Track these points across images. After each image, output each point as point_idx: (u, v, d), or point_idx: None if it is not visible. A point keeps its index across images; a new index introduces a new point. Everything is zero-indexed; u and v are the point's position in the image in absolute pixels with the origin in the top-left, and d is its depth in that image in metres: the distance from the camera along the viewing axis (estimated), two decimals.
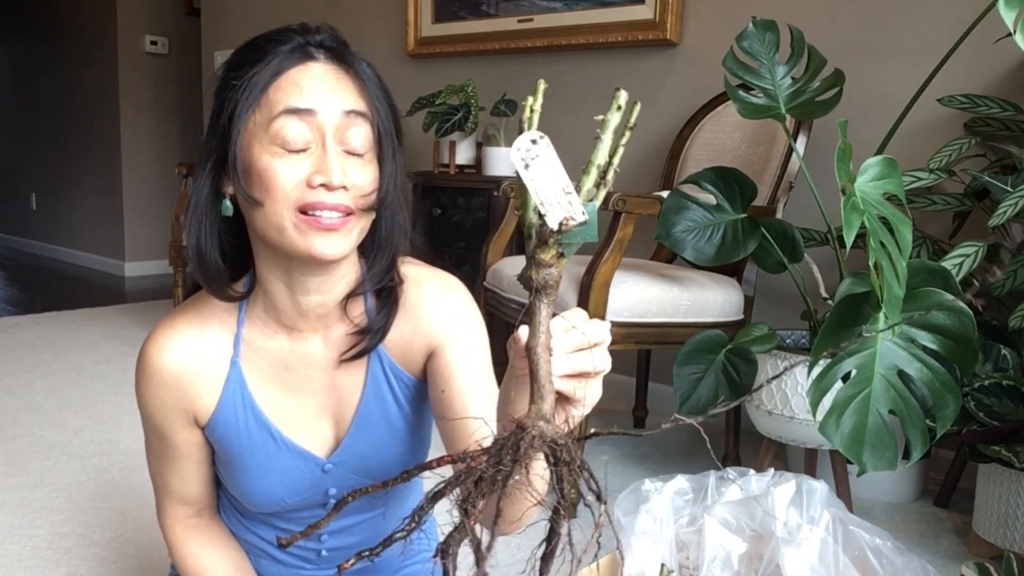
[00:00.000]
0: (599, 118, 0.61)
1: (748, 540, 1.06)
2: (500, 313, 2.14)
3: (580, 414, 0.66)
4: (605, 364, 0.65)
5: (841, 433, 1.37)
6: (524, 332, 0.62)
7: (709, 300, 1.97)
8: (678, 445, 2.38)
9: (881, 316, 1.41)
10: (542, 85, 0.64)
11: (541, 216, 0.58)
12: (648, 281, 1.92)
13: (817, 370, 1.44)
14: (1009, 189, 1.68)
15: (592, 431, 0.61)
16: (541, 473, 0.61)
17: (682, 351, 1.75)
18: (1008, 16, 1.37)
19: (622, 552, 0.56)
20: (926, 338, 1.40)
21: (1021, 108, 1.94)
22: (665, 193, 1.83)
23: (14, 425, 2.34)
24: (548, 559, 0.58)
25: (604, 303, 1.83)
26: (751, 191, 1.80)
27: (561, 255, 0.60)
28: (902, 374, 1.40)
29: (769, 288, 2.41)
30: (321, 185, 0.81)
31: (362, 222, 0.86)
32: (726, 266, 2.00)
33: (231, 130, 0.82)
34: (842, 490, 1.75)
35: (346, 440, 0.96)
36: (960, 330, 1.38)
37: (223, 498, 1.06)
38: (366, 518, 1.04)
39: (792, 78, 1.81)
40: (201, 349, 0.93)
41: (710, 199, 1.80)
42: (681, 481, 1.14)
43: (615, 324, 1.86)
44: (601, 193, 0.61)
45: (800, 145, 2.20)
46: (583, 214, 0.58)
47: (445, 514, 0.57)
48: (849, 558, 1.02)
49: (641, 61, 2.74)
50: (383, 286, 0.93)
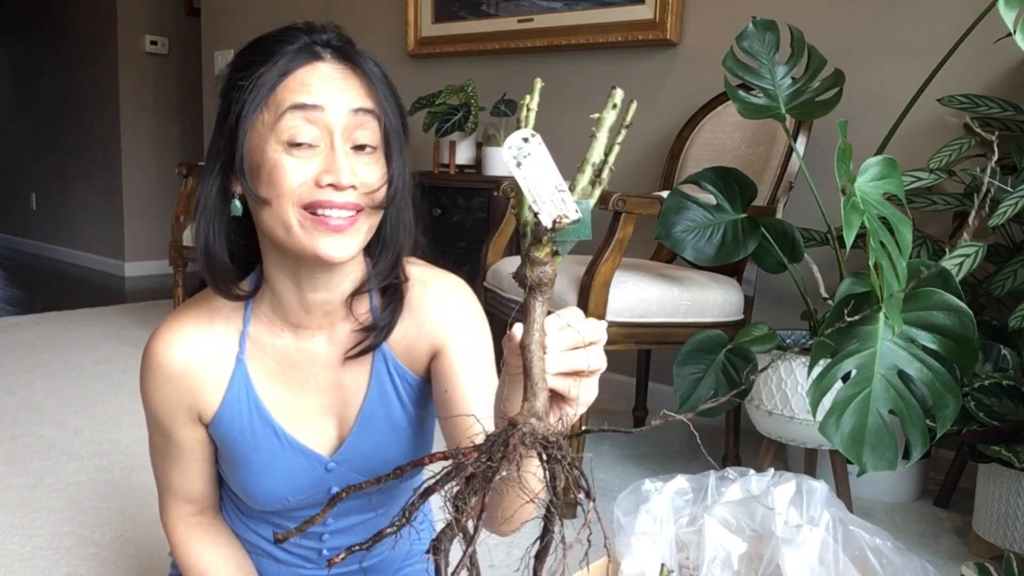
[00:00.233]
0: (595, 116, 0.61)
1: (748, 540, 1.06)
2: (500, 313, 2.14)
3: (575, 413, 0.66)
4: (600, 363, 0.65)
5: (841, 433, 1.37)
6: (519, 330, 0.62)
7: (709, 300, 1.97)
8: (678, 445, 2.38)
9: (881, 316, 1.41)
10: (539, 84, 0.64)
11: (535, 214, 0.58)
12: (648, 281, 1.92)
13: (817, 370, 1.44)
14: (1009, 189, 1.68)
15: (583, 428, 0.61)
16: (534, 470, 0.61)
17: (682, 351, 1.75)
18: (1008, 16, 1.37)
19: (609, 549, 0.56)
20: (926, 338, 1.40)
21: (1021, 108, 1.93)
22: (665, 193, 1.83)
23: (14, 425, 2.34)
24: (541, 557, 0.58)
25: (604, 303, 1.83)
26: (751, 191, 1.80)
27: (555, 253, 0.61)
28: (902, 374, 1.40)
29: (769, 288, 2.41)
30: (330, 185, 0.80)
31: (370, 220, 0.86)
32: (726, 266, 2.00)
33: (238, 130, 0.82)
34: (842, 490, 1.75)
35: (349, 439, 0.96)
36: (960, 330, 1.38)
37: (224, 497, 1.06)
38: (367, 518, 1.04)
39: (792, 78, 1.81)
40: (206, 346, 0.93)
41: (710, 199, 1.80)
42: (681, 481, 1.14)
43: (615, 324, 1.86)
44: (597, 191, 0.61)
45: (800, 145, 2.20)
46: (576, 212, 0.58)
47: (444, 513, 0.57)
48: (849, 558, 1.03)
49: (641, 61, 2.74)
50: (388, 284, 0.93)
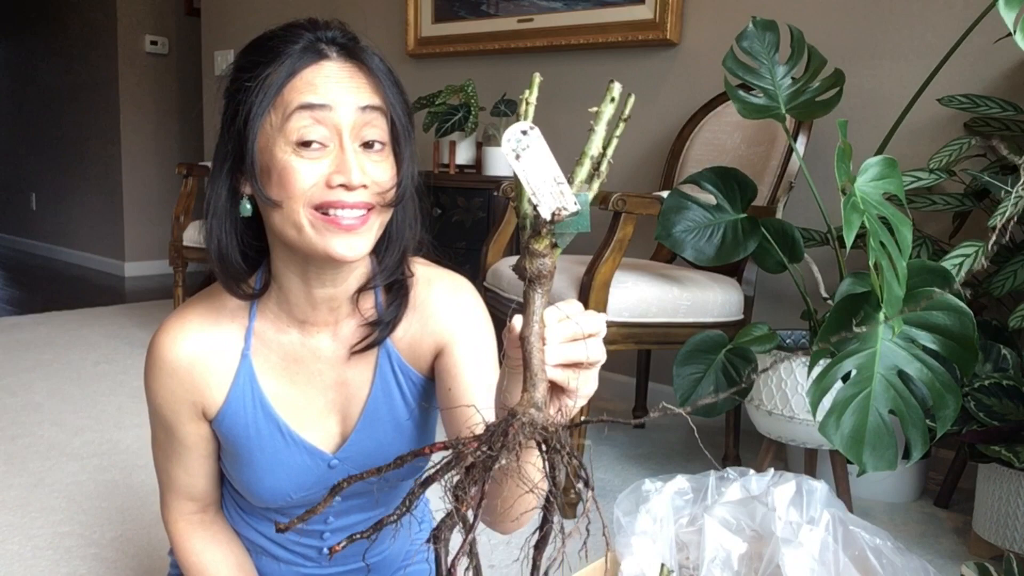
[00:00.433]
0: (593, 110, 0.61)
1: (748, 540, 1.06)
2: (500, 313, 2.14)
3: (575, 405, 0.66)
4: (599, 355, 0.65)
5: (841, 433, 1.37)
6: (518, 321, 0.63)
7: (709, 300, 1.97)
8: (678, 445, 2.38)
9: (881, 316, 1.41)
10: (537, 78, 0.64)
11: (534, 207, 0.59)
12: (648, 281, 1.92)
13: (817, 370, 1.44)
14: (1009, 189, 1.68)
15: (582, 419, 0.62)
16: (533, 461, 0.61)
17: (682, 351, 1.75)
18: (1008, 16, 1.37)
19: (608, 538, 0.57)
20: (926, 338, 1.40)
21: (1021, 108, 1.93)
22: (665, 193, 1.83)
23: (14, 425, 2.34)
24: (540, 547, 0.59)
25: (604, 303, 1.83)
26: (751, 191, 1.80)
27: (554, 245, 0.61)
28: (902, 374, 1.40)
29: (769, 288, 2.41)
30: (340, 185, 0.80)
31: (381, 218, 0.85)
32: (726, 266, 2.00)
33: (247, 132, 0.82)
34: (842, 490, 1.75)
35: (353, 436, 0.96)
36: (960, 330, 1.38)
37: (225, 494, 1.06)
38: (368, 517, 1.04)
39: (792, 78, 1.81)
40: (212, 341, 0.93)
41: (710, 199, 1.80)
42: (681, 481, 1.14)
43: (615, 324, 1.86)
44: (596, 184, 0.62)
45: (800, 145, 2.20)
46: (575, 204, 0.59)
47: (444, 504, 0.58)
48: (849, 558, 1.02)
49: (641, 61, 2.74)
50: (393, 280, 0.94)
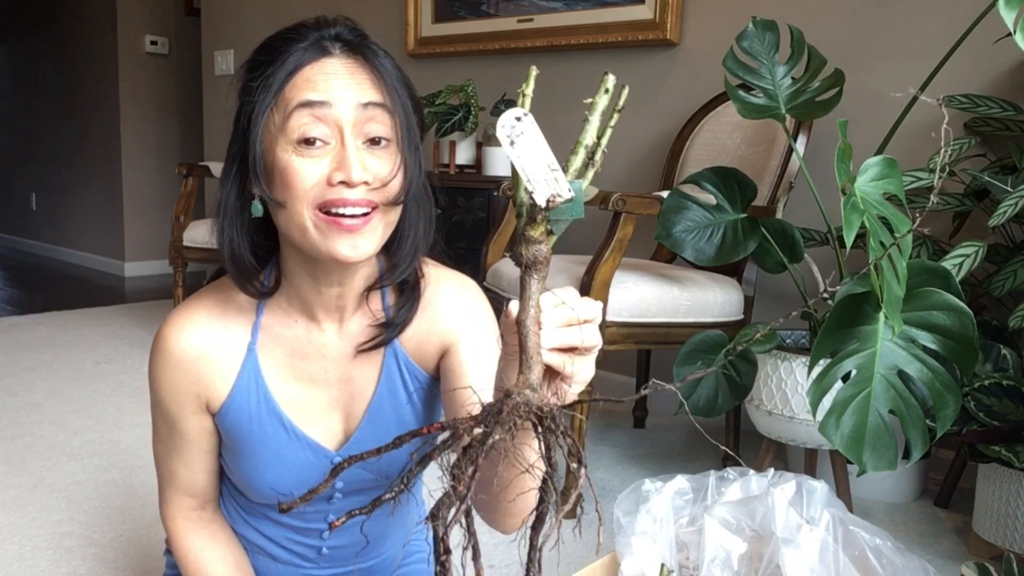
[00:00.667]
0: (588, 101, 0.62)
1: (748, 540, 1.06)
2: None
3: (573, 391, 0.67)
4: (595, 340, 0.66)
5: (841, 433, 1.37)
6: (514, 306, 0.63)
7: (709, 300, 1.97)
8: (678, 445, 2.38)
9: (881, 316, 1.41)
10: (534, 71, 0.64)
11: (530, 194, 0.60)
12: (648, 281, 1.92)
13: (817, 370, 1.44)
14: (1009, 189, 1.68)
15: (576, 399, 0.64)
16: (530, 442, 0.62)
17: (682, 351, 1.75)
18: (1008, 16, 1.37)
19: (600, 513, 0.56)
20: (926, 338, 1.40)
21: (1021, 108, 1.93)
22: (665, 193, 1.83)
23: (14, 425, 2.34)
24: (537, 528, 0.59)
25: (604, 303, 1.83)
26: (751, 191, 1.80)
27: (550, 232, 0.62)
28: (902, 374, 1.40)
29: (769, 288, 2.41)
30: (341, 183, 0.79)
31: (387, 217, 0.85)
32: (726, 266, 2.00)
33: (250, 132, 0.82)
34: (842, 490, 1.75)
35: (357, 434, 0.96)
36: (960, 330, 1.38)
37: (225, 492, 1.06)
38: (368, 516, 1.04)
39: (792, 78, 1.81)
40: (219, 335, 0.93)
41: (710, 199, 1.80)
42: (681, 481, 1.14)
43: (615, 324, 1.86)
44: (590, 173, 0.62)
45: (800, 145, 2.20)
46: (569, 191, 0.60)
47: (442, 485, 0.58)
48: (849, 558, 1.02)
49: (641, 61, 2.74)
50: (404, 280, 0.94)
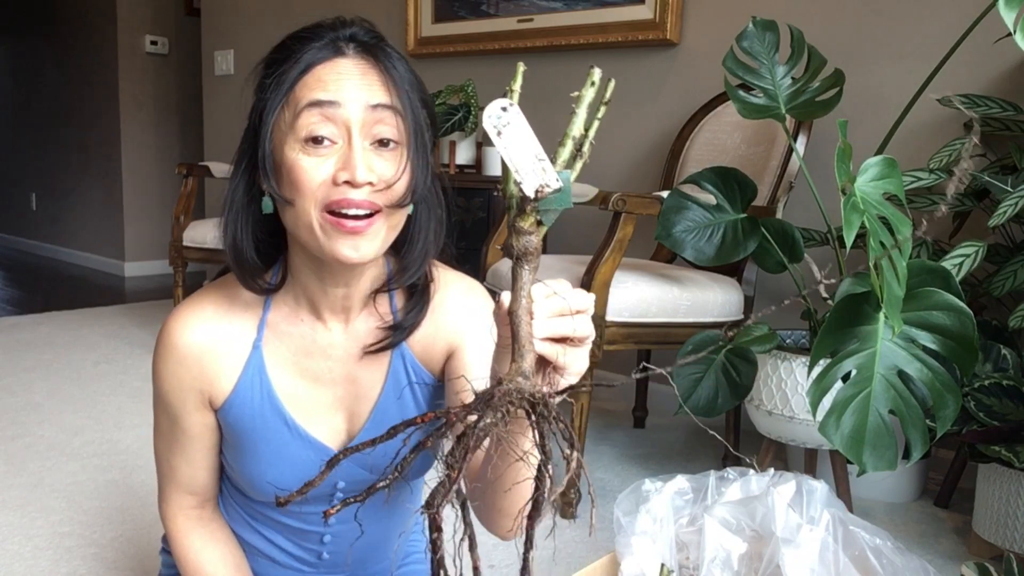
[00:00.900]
0: (574, 95, 0.63)
1: (748, 540, 1.06)
2: None
3: (566, 382, 0.67)
4: (587, 330, 0.67)
5: (841, 433, 1.37)
6: (507, 297, 0.64)
7: (709, 300, 1.97)
8: (678, 445, 2.38)
9: (881, 316, 1.41)
10: (521, 68, 0.65)
11: (518, 185, 0.60)
12: (648, 281, 1.92)
13: (817, 370, 1.44)
14: (1009, 189, 1.68)
15: (569, 385, 0.66)
16: (522, 431, 0.63)
17: (682, 351, 1.75)
18: (1008, 16, 1.37)
19: (592, 495, 0.58)
20: (926, 338, 1.40)
21: (1021, 108, 1.93)
22: (665, 193, 1.83)
23: (14, 425, 2.34)
24: (533, 517, 0.60)
25: (604, 303, 1.83)
26: (751, 191, 1.80)
27: (539, 223, 0.63)
28: (902, 374, 1.40)
29: (769, 288, 2.41)
30: (346, 182, 0.80)
31: (391, 220, 0.84)
32: (726, 266, 2.00)
33: (261, 129, 0.83)
34: (842, 490, 1.75)
35: (361, 435, 0.96)
36: (960, 330, 1.38)
37: (225, 494, 1.06)
38: (368, 520, 1.03)
39: (792, 78, 1.81)
40: (224, 330, 0.93)
41: (710, 199, 1.80)
42: (681, 481, 1.14)
43: (615, 324, 1.86)
44: (578, 165, 0.63)
45: (800, 145, 2.20)
46: (557, 181, 0.60)
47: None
48: (849, 558, 1.02)
49: (641, 61, 2.74)
50: (414, 283, 0.94)
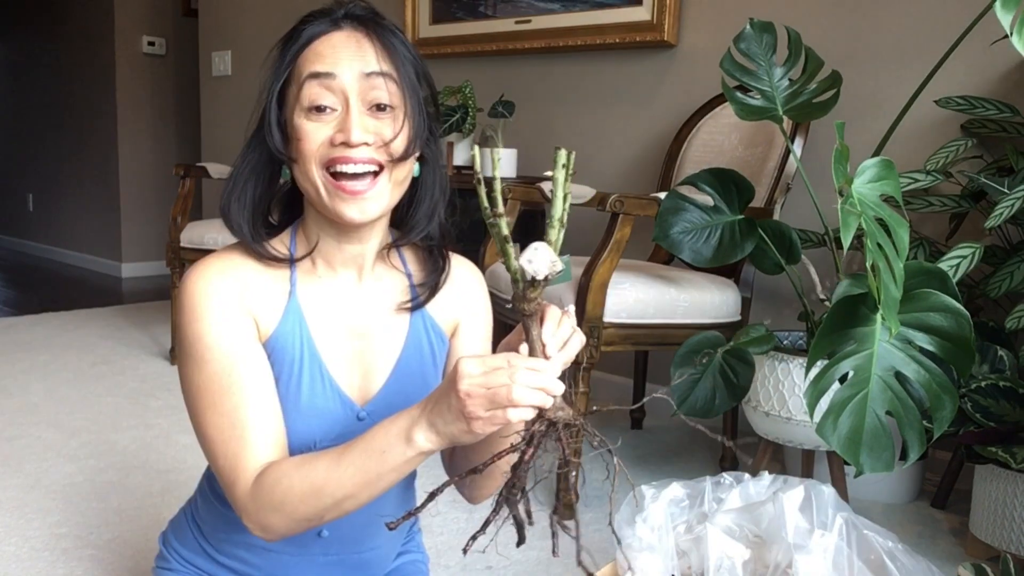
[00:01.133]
0: (548, 174, 0.75)
1: (751, 546, 1.06)
2: (497, 314, 2.13)
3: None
4: (580, 338, 0.81)
5: (838, 434, 1.37)
6: (525, 349, 0.78)
7: (707, 301, 1.97)
8: (676, 446, 2.38)
9: (878, 318, 1.41)
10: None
11: (533, 276, 0.75)
12: (645, 282, 1.92)
13: (814, 371, 1.44)
14: (1006, 191, 1.68)
15: (594, 408, 0.86)
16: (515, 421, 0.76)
17: (680, 352, 1.75)
18: (1005, 18, 1.37)
19: (611, 472, 0.71)
20: (923, 340, 1.40)
21: (1018, 110, 1.94)
22: (663, 194, 1.83)
23: (11, 426, 2.34)
24: (514, 484, 0.76)
25: (601, 304, 1.83)
26: (748, 192, 1.80)
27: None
28: (899, 375, 1.40)
29: (766, 289, 2.41)
30: (343, 143, 0.87)
31: (395, 176, 0.91)
32: (723, 267, 2.00)
33: (268, 100, 0.92)
34: (839, 491, 1.74)
35: (383, 390, 0.99)
36: (957, 332, 1.38)
37: (217, 492, 1.05)
38: (366, 510, 1.03)
39: (789, 80, 1.81)
40: (260, 275, 0.95)
41: (707, 200, 1.80)
42: (677, 488, 1.14)
43: (613, 325, 1.86)
44: (561, 233, 0.77)
45: (797, 147, 2.20)
46: (562, 265, 0.76)
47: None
48: (864, 562, 1.02)
49: (639, 63, 2.74)
50: (430, 245, 1.03)
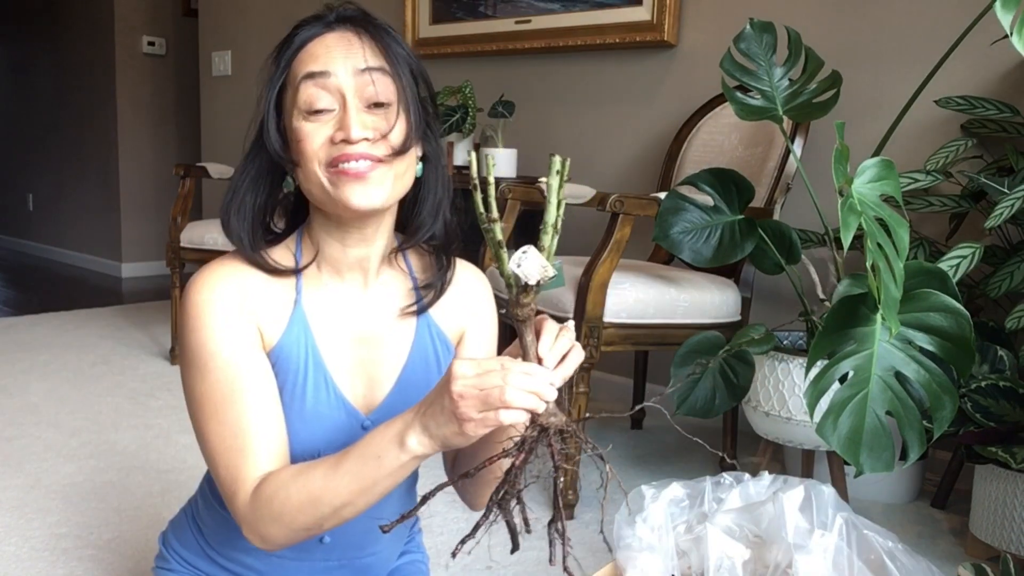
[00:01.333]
0: (542, 180, 0.73)
1: (751, 546, 1.06)
2: (501, 316, 2.13)
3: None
4: (579, 353, 0.82)
5: (838, 434, 1.37)
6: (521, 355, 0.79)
7: (706, 301, 1.97)
8: (676, 446, 2.38)
9: (878, 318, 1.41)
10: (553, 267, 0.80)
11: (525, 282, 0.76)
12: (645, 282, 1.92)
13: (814, 371, 1.44)
14: (1006, 191, 1.68)
15: (587, 415, 0.84)
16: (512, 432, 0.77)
17: (679, 352, 1.75)
18: (1005, 18, 1.37)
19: (609, 471, 0.71)
20: (923, 339, 1.40)
21: (1018, 110, 1.94)
22: (663, 194, 1.83)
23: (11, 426, 2.34)
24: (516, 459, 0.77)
25: (601, 304, 1.83)
26: (748, 192, 1.80)
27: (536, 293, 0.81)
28: (899, 375, 1.40)
29: (766, 289, 2.41)
30: (343, 140, 0.88)
31: (396, 168, 0.91)
32: (723, 267, 2.00)
33: (266, 106, 0.92)
34: (839, 491, 1.74)
35: (388, 399, 0.98)
36: (957, 332, 1.38)
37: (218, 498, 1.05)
38: (367, 515, 1.03)
39: (789, 79, 1.81)
40: (265, 282, 0.95)
41: (707, 200, 1.80)
42: (677, 488, 1.14)
43: (613, 325, 1.86)
44: (555, 239, 0.78)
45: (797, 147, 2.20)
46: (554, 270, 0.77)
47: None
48: (864, 563, 1.02)
49: (639, 63, 2.74)
50: (434, 247, 1.02)
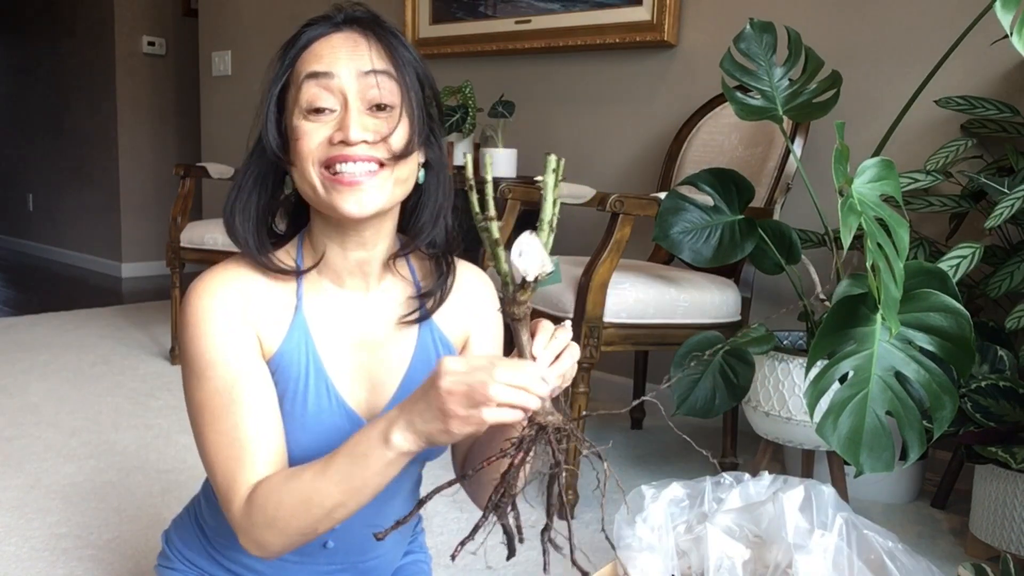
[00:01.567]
0: (538, 179, 0.78)
1: (751, 546, 1.06)
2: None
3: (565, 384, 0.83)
4: (576, 352, 0.82)
5: (838, 434, 1.37)
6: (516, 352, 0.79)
7: (706, 301, 1.97)
8: (676, 446, 2.38)
9: (878, 318, 1.41)
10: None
11: (523, 277, 0.76)
12: (645, 282, 1.92)
13: (814, 371, 1.44)
14: (1006, 191, 1.68)
15: (584, 414, 0.90)
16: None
17: (679, 352, 1.75)
18: (1005, 18, 1.37)
19: (606, 465, 0.68)
20: (923, 339, 1.40)
21: (1018, 110, 1.94)
22: (663, 194, 1.83)
23: (11, 426, 2.34)
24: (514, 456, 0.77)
25: (601, 304, 1.83)
26: (748, 192, 1.80)
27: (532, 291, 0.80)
28: (899, 375, 1.40)
29: (766, 289, 2.41)
30: (341, 142, 0.87)
31: (397, 173, 0.90)
32: (723, 267, 2.00)
33: (268, 103, 0.91)
34: (839, 491, 1.74)
35: (390, 405, 0.97)
36: (957, 332, 1.38)
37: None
38: (372, 517, 1.03)
39: (789, 79, 1.81)
40: (266, 287, 0.94)
41: (707, 200, 1.80)
42: (677, 488, 1.14)
43: (613, 325, 1.86)
44: (551, 236, 0.79)
45: (797, 147, 2.20)
46: (552, 266, 0.77)
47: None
48: (864, 563, 1.02)
49: (639, 63, 2.74)
50: (435, 252, 1.00)
